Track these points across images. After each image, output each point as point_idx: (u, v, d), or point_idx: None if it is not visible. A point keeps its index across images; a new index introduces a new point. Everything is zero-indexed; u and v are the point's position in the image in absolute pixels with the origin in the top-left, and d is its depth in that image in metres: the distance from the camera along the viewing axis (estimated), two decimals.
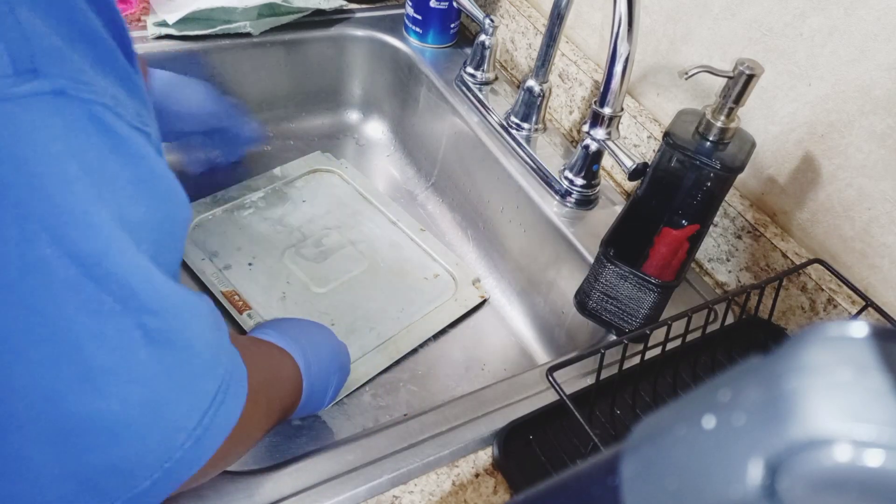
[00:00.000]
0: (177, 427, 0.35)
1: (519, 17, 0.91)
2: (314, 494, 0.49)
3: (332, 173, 0.95)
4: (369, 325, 0.77)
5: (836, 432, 0.17)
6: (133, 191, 0.33)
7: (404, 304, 0.80)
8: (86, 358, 0.31)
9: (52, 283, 0.29)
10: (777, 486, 0.17)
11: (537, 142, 0.82)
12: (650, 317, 0.61)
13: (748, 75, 0.56)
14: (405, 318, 0.78)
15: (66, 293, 0.30)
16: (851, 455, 0.16)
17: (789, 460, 0.17)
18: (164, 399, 0.34)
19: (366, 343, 0.75)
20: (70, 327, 0.30)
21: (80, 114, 0.30)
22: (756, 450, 0.18)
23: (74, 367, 0.31)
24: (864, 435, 0.16)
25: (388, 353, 0.75)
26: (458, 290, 0.83)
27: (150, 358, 0.33)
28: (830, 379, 0.18)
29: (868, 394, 0.17)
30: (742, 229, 0.67)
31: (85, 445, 0.32)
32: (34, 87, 0.28)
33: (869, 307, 0.59)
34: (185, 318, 0.36)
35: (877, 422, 0.17)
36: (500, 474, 0.53)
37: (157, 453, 0.34)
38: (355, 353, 0.73)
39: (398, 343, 0.76)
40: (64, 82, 0.30)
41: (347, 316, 0.77)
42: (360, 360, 0.73)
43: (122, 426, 0.33)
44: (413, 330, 0.77)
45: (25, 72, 0.28)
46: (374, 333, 0.76)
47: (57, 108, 0.29)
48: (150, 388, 0.33)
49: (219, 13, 0.87)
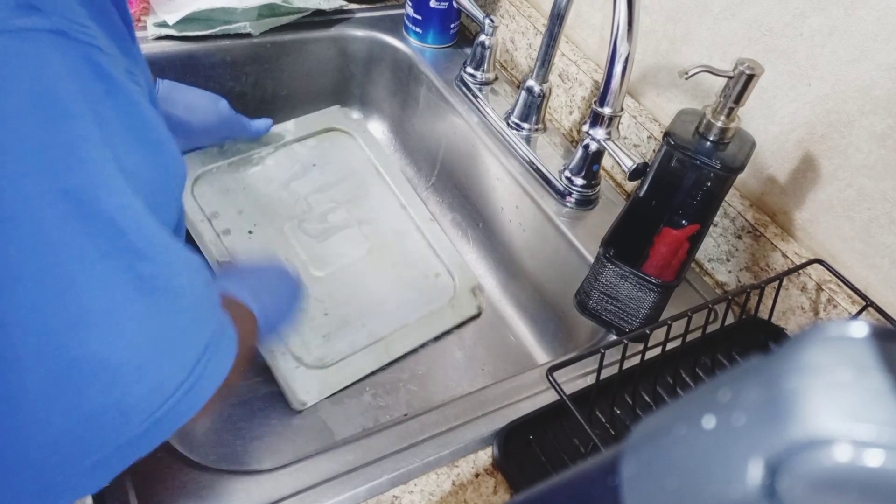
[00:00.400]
0: (168, 375, 0.35)
1: (519, 17, 0.91)
2: (314, 494, 0.49)
3: (347, 135, 0.91)
4: (362, 321, 0.75)
5: (836, 432, 0.17)
6: (127, 137, 0.33)
7: (401, 301, 0.78)
8: (78, 298, 0.31)
9: (42, 220, 0.29)
10: (777, 486, 0.17)
11: (537, 142, 0.82)
12: (650, 317, 0.61)
13: (748, 75, 0.56)
14: (400, 318, 0.77)
15: (56, 231, 0.30)
16: (851, 455, 0.16)
17: (789, 460, 0.17)
18: (156, 347, 0.34)
19: (356, 340, 0.74)
20: (61, 267, 0.30)
21: (78, 54, 0.31)
22: (756, 450, 0.18)
23: (67, 308, 0.31)
24: (864, 435, 0.16)
25: (376, 355, 0.74)
26: (456, 295, 0.81)
27: (142, 304, 0.33)
28: (830, 379, 0.18)
29: (868, 394, 0.17)
30: (742, 229, 0.67)
31: (79, 385, 0.32)
32: (34, 22, 0.29)
33: (869, 307, 0.59)
34: (177, 268, 0.36)
35: (877, 422, 0.17)
36: (500, 474, 0.53)
37: (149, 401, 0.34)
38: (344, 350, 0.72)
39: (389, 346, 0.74)
40: (63, 22, 0.30)
41: (342, 306, 0.76)
42: (348, 359, 0.72)
43: (114, 370, 0.33)
44: (406, 333, 0.76)
45: (26, 6, 0.28)
46: (365, 331, 0.75)
47: (56, 45, 0.29)
48: (142, 334, 0.33)
49: (219, 14, 0.87)
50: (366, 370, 0.72)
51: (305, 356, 0.71)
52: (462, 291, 0.81)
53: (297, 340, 0.72)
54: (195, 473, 0.49)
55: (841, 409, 0.17)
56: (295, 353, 0.70)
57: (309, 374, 0.70)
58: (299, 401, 0.68)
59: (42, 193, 0.29)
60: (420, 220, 0.86)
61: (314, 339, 0.73)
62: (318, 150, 0.89)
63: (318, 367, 0.71)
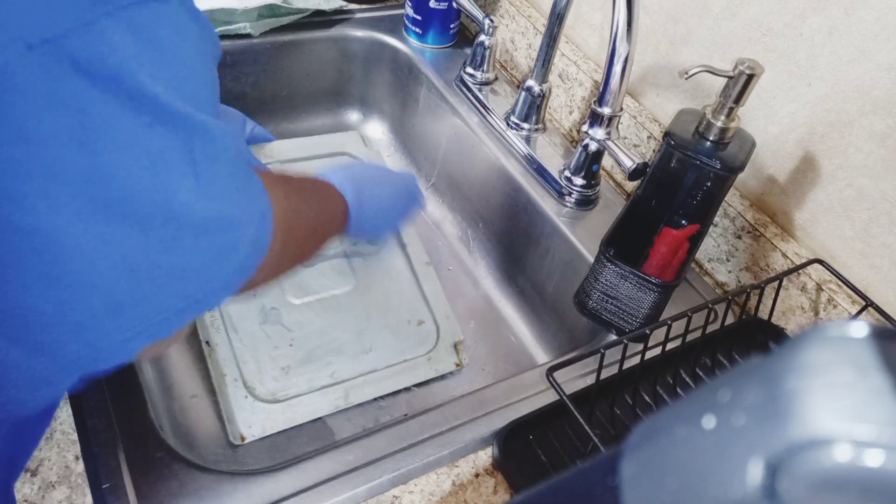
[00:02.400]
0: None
1: (519, 18, 0.91)
2: (314, 494, 0.49)
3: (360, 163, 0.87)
4: (327, 360, 0.70)
5: (835, 432, 0.17)
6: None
7: (374, 343, 0.73)
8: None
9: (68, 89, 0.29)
10: (777, 486, 0.17)
11: (537, 142, 0.82)
12: (650, 316, 0.61)
13: (748, 75, 0.56)
14: (367, 363, 0.71)
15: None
16: (851, 455, 0.16)
17: (789, 460, 0.17)
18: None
19: (315, 379, 0.68)
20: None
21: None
22: (756, 450, 0.18)
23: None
24: (863, 435, 0.16)
25: (333, 398, 0.68)
26: (436, 347, 0.74)
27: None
28: (830, 379, 0.18)
29: (868, 394, 0.17)
30: (742, 229, 0.67)
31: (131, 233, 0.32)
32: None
33: (869, 307, 0.59)
34: (225, 142, 0.36)
35: (876, 422, 0.17)
36: (500, 474, 0.53)
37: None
38: (301, 388, 0.67)
39: (348, 391, 0.69)
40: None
41: (310, 340, 0.71)
42: (302, 398, 0.67)
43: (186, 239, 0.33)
44: (370, 380, 0.70)
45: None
46: (328, 370, 0.69)
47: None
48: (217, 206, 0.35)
49: (219, 14, 0.87)
50: (318, 413, 0.67)
51: (258, 387, 0.66)
52: (443, 344, 0.75)
53: (254, 368, 0.67)
54: (195, 473, 0.49)
55: (841, 409, 0.17)
56: (248, 383, 0.66)
57: (257, 406, 0.65)
58: (238, 434, 0.63)
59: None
60: (416, 262, 0.81)
61: (272, 369, 0.68)
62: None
63: (268, 400, 0.66)
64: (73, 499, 0.46)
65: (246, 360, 0.68)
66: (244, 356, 0.68)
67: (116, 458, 0.49)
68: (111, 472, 0.49)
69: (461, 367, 0.75)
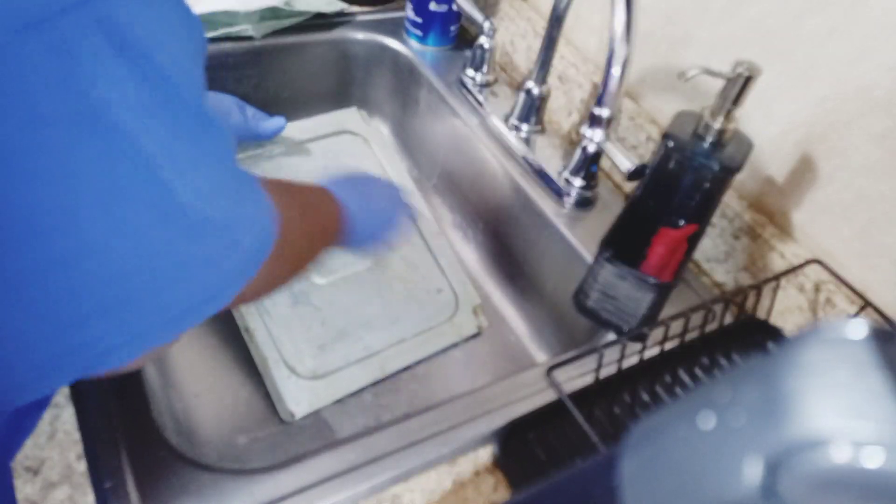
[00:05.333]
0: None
1: (518, 20, 0.92)
2: (315, 493, 0.49)
3: (361, 139, 0.89)
4: (359, 334, 0.74)
5: (835, 432, 0.17)
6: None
7: (400, 314, 0.77)
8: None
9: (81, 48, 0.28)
10: (776, 486, 0.17)
11: (536, 143, 0.82)
12: (649, 316, 0.61)
13: (746, 77, 0.56)
14: (397, 333, 0.75)
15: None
16: (851, 455, 0.17)
17: (788, 460, 0.17)
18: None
19: (350, 353, 0.72)
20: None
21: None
22: (755, 450, 0.18)
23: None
24: (862, 434, 0.17)
25: (371, 369, 0.72)
26: (456, 313, 0.79)
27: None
28: (829, 379, 0.18)
29: (866, 394, 0.17)
30: (740, 230, 0.67)
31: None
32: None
33: (867, 307, 0.59)
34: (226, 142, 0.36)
35: (875, 421, 0.17)
36: (500, 473, 0.53)
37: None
38: (339, 363, 0.71)
39: (383, 361, 0.73)
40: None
41: (340, 318, 0.75)
42: (341, 372, 0.71)
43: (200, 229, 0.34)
44: (402, 348, 0.75)
45: None
46: (361, 344, 0.73)
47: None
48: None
49: (221, 17, 0.87)
50: (360, 384, 0.71)
51: (299, 366, 0.70)
52: (463, 310, 0.79)
53: (292, 349, 0.70)
54: (196, 472, 0.50)
55: (840, 409, 0.17)
56: (289, 363, 0.69)
57: (301, 384, 0.69)
58: (288, 411, 0.67)
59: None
60: (427, 233, 0.84)
61: (309, 348, 0.71)
62: (331, 152, 0.87)
63: (310, 377, 0.70)
64: (75, 498, 0.46)
65: (283, 341, 0.70)
66: (281, 338, 0.70)
67: (118, 457, 0.49)
68: (113, 471, 0.49)
69: (482, 330, 0.80)
